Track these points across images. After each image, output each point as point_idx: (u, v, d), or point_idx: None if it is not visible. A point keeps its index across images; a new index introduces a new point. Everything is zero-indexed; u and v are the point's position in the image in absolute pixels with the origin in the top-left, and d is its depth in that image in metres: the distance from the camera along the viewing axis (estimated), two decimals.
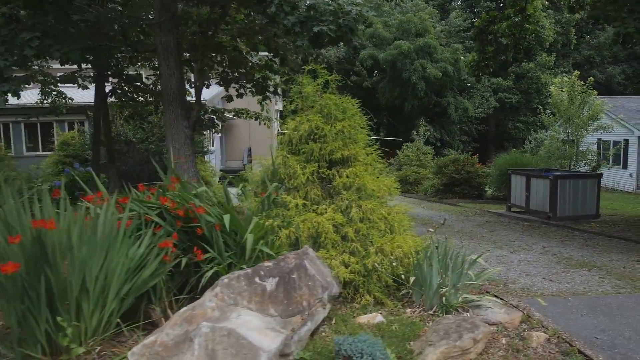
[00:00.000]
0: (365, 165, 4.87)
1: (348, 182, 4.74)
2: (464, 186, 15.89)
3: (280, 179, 4.97)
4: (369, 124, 5.34)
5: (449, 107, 27.51)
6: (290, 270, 3.85)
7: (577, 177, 11.37)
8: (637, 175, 20.67)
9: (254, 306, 3.60)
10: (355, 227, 4.55)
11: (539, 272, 6.05)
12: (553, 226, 10.46)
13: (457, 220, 11.57)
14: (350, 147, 4.86)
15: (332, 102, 4.91)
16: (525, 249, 7.77)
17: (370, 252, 4.46)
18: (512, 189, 12.76)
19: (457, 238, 8.90)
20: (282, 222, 4.65)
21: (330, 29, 6.78)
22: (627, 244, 8.36)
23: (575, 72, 18.05)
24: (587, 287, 5.32)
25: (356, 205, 4.60)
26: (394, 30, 27.97)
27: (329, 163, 4.94)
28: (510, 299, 4.79)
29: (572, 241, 8.56)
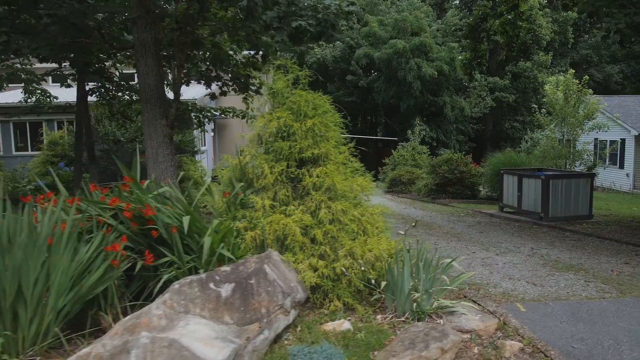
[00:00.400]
0: (337, 165, 4.66)
1: (318, 182, 4.52)
2: (457, 186, 15.65)
3: (249, 179, 4.75)
4: (344, 121, 5.12)
5: (445, 107, 27.26)
6: (248, 275, 3.63)
7: (569, 177, 11.14)
8: (634, 175, 20.45)
9: (208, 314, 3.38)
10: (324, 229, 4.33)
11: (523, 275, 5.83)
12: (544, 227, 10.23)
13: (448, 221, 11.36)
14: (321, 145, 4.64)
15: (303, 98, 4.70)
16: (512, 250, 7.55)
17: (339, 256, 4.24)
18: (504, 189, 12.54)
19: (444, 239, 8.69)
20: (249, 224, 4.44)
21: (310, 23, 6.56)
22: (618, 245, 8.14)
23: (570, 71, 17.83)
24: (570, 291, 5.10)
25: (325, 206, 4.39)
26: (390, 29, 27.73)
27: (299, 162, 4.72)
28: (489, 304, 4.57)
29: (562, 243, 8.34)
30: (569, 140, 18.30)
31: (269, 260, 3.91)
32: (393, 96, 27.70)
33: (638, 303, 4.63)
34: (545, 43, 30.89)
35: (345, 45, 30.84)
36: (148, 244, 4.01)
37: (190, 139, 16.11)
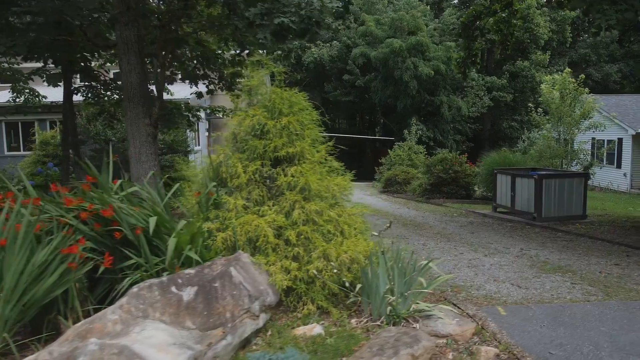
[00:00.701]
0: (313, 164, 4.52)
1: (292, 182, 4.38)
2: (452, 186, 15.51)
3: (223, 178, 4.62)
4: (323, 119, 4.99)
5: (442, 106, 27.10)
6: (213, 278, 3.50)
7: (562, 177, 10.99)
8: (631, 175, 20.29)
9: (168, 318, 3.25)
10: (297, 230, 4.20)
11: (508, 277, 5.69)
12: (537, 227, 10.09)
13: (440, 221, 11.22)
14: (296, 144, 4.50)
15: (278, 95, 4.56)
16: (501, 251, 7.40)
17: (312, 258, 4.10)
18: (497, 189, 12.39)
19: (434, 240, 8.56)
20: (221, 225, 4.30)
21: (292, 20, 6.42)
22: (610, 246, 8.00)
23: (566, 70, 17.68)
24: (555, 294, 4.96)
25: (299, 207, 4.25)
26: (387, 29, 27.57)
27: (275, 161, 4.58)
28: (469, 307, 4.43)
29: (553, 243, 8.20)
30: (565, 140, 18.16)
31: (237, 262, 3.77)
32: (390, 96, 27.56)
33: (623, 306, 4.49)
34: (543, 42, 30.76)
35: (342, 44, 30.71)
36: (114, 246, 3.88)
37: (183, 139, 15.94)
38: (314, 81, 33.31)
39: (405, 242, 8.28)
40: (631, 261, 6.73)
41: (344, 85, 31.54)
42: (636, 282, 5.45)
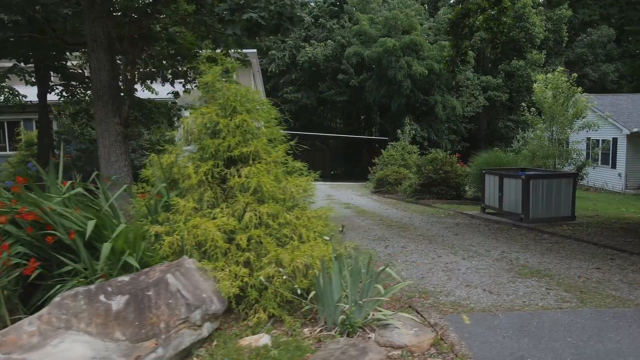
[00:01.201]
0: (269, 164, 4.29)
1: (246, 183, 4.15)
2: (442, 186, 15.26)
3: (174, 179, 4.39)
4: (285, 117, 4.76)
5: (437, 106, 26.84)
6: (147, 286, 3.27)
7: (551, 177, 10.76)
8: (626, 175, 20.05)
9: (95, 329, 3.02)
10: (248, 234, 3.97)
11: (482, 282, 5.45)
12: (523, 229, 9.85)
13: (426, 222, 10.98)
14: (251, 143, 4.27)
15: (232, 92, 4.33)
16: (481, 254, 7.17)
17: (263, 263, 3.87)
18: (485, 190, 12.16)
19: (415, 242, 8.32)
20: (170, 228, 4.07)
21: (262, 16, 6.20)
22: (595, 248, 7.76)
23: (559, 68, 17.44)
24: (527, 300, 4.73)
25: (251, 210, 4.02)
26: (381, 28, 27.32)
27: (230, 161, 4.36)
28: (433, 315, 4.20)
29: (537, 246, 7.96)
30: (559, 140, 17.92)
31: (179, 268, 3.55)
32: (384, 95, 27.32)
33: (595, 314, 4.25)
34: (539, 41, 30.51)
35: (337, 44, 30.48)
36: (48, 251, 3.66)
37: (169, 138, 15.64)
38: (309, 81, 33.07)
39: (385, 245, 8.05)
40: (614, 265, 6.49)
41: (338, 84, 31.31)
42: (615, 288, 5.21)
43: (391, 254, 7.24)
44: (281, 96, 32.80)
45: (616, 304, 4.61)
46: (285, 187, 4.35)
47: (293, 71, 32.62)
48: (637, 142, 19.83)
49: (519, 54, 31.32)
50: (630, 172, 20.02)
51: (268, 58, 32.47)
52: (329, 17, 33.74)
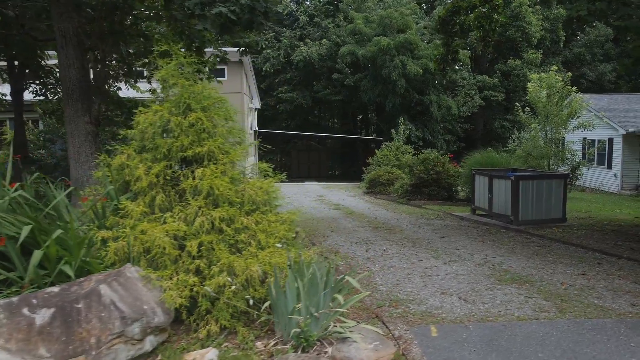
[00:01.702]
0: (225, 165, 4.02)
1: (199, 186, 3.89)
2: (433, 187, 14.98)
3: (126, 181, 4.12)
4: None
5: (432, 105, 26.55)
6: (76, 298, 3.00)
7: (541, 178, 10.48)
8: (622, 176, 19.78)
9: (15, 346, 2.75)
10: (199, 240, 3.70)
11: (459, 289, 5.19)
12: (512, 231, 9.58)
13: (414, 224, 10.71)
14: (206, 142, 4.01)
15: (186, 89, 4.06)
16: (464, 258, 6.90)
17: (214, 272, 3.61)
18: (475, 191, 11.90)
19: (398, 245, 8.06)
20: (118, 233, 3.81)
21: (232, 10, 5.92)
22: (584, 252, 7.50)
23: (553, 67, 17.18)
24: (503, 309, 4.46)
25: (203, 214, 3.75)
26: (375, 26, 27.04)
27: (184, 162, 4.09)
28: (399, 326, 3.94)
29: (523, 249, 7.69)
30: (553, 140, 17.65)
31: (118, 278, 3.28)
32: (379, 95, 27.04)
33: (573, 326, 3.99)
34: (535, 41, 30.23)
35: (332, 43, 30.19)
36: None
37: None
38: (304, 80, 32.78)
39: (367, 248, 7.79)
40: (600, 270, 6.23)
41: (334, 84, 31.01)
42: (598, 296, 4.95)
43: (371, 258, 6.97)
44: (276, 96, 32.55)
45: (597, 314, 4.34)
46: (243, 189, 4.09)
47: (288, 70, 32.33)
48: (633, 143, 19.56)
49: (516, 54, 31.06)
50: (626, 172, 19.76)
51: (263, 57, 32.20)
52: (324, 16, 33.47)
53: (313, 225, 10.55)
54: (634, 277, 5.82)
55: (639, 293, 5.05)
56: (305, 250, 4.31)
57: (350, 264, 6.55)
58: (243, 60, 21.84)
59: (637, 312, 4.39)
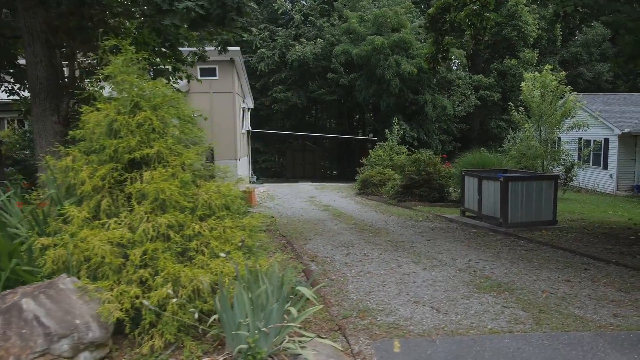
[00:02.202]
0: (175, 168, 3.75)
1: (146, 190, 3.62)
2: (424, 188, 14.71)
3: (71, 185, 3.86)
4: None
5: (427, 105, 26.27)
6: None
7: (530, 179, 10.22)
8: (618, 176, 19.52)
9: None
10: (143, 248, 3.44)
11: (434, 297, 4.92)
12: (500, 234, 9.32)
13: (402, 226, 10.45)
14: (156, 143, 3.74)
15: (134, 87, 3.80)
16: (446, 263, 6.64)
17: (157, 282, 3.34)
18: (465, 192, 11.64)
19: (380, 249, 7.79)
20: (57, 240, 3.54)
21: (200, 4, 5.66)
22: (571, 256, 7.23)
23: (547, 66, 16.92)
24: (477, 321, 4.20)
25: (147, 220, 3.49)
26: (370, 25, 26.77)
27: (132, 165, 3.83)
28: (361, 341, 3.67)
29: (509, 253, 7.43)
30: (547, 140, 17.40)
31: (48, 290, 3.02)
32: (373, 94, 26.77)
33: (548, 340, 3.72)
34: (532, 40, 29.97)
35: (327, 42, 29.92)
36: None
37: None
38: (299, 80, 32.50)
39: (347, 252, 7.52)
40: (586, 276, 5.97)
41: (328, 84, 30.74)
42: (579, 305, 4.69)
43: (349, 263, 6.71)
44: (271, 95, 32.27)
45: (576, 326, 4.08)
46: (197, 193, 3.82)
47: (283, 70, 32.07)
48: (629, 143, 19.31)
49: (512, 53, 30.80)
50: (622, 173, 19.50)
51: (257, 57, 31.95)
52: (319, 15, 33.21)
53: (298, 228, 10.29)
54: (620, 284, 5.56)
55: (622, 302, 4.79)
56: (266, 257, 4.04)
57: (326, 269, 6.29)
58: (234, 59, 21.57)
59: (618, 323, 4.13)
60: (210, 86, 21.66)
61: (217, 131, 21.77)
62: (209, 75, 21.81)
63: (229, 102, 21.68)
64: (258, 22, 35.13)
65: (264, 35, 32.82)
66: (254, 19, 35.19)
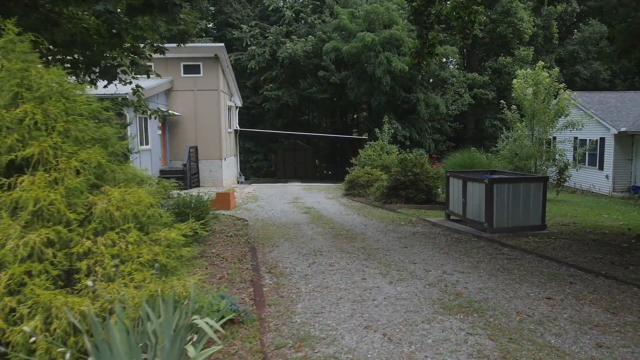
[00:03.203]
0: (63, 172, 3.09)
1: (22, 199, 2.97)
2: (411, 189, 14.04)
3: None
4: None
5: (419, 104, 25.59)
6: None
7: (518, 181, 9.56)
8: (614, 177, 18.88)
9: None
10: (11, 271, 2.78)
11: (390, 320, 4.27)
12: (484, 241, 8.68)
13: (381, 231, 9.80)
14: (41, 142, 3.08)
15: (12, 73, 3.14)
16: (416, 276, 5.99)
17: (21, 313, 2.69)
18: (449, 194, 10.99)
19: (350, 257, 7.14)
20: None
21: None
22: (557, 267, 6.59)
23: (539, 63, 16.26)
24: (432, 354, 3.55)
25: (18, 237, 2.83)
26: (361, 22, 26.09)
27: (12, 168, 3.17)
28: None
29: (490, 263, 6.78)
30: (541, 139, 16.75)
31: None
32: (364, 93, 26.08)
33: None
34: (527, 37, 29.33)
35: (318, 39, 29.25)
36: None
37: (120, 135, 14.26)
38: (290, 78, 31.83)
39: (312, 262, 6.87)
40: (570, 292, 5.32)
41: (320, 82, 30.07)
42: (557, 332, 4.03)
43: (309, 275, 6.06)
44: (262, 94, 31.62)
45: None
46: (92, 202, 3.17)
47: (274, 68, 31.41)
48: (625, 142, 18.67)
49: (507, 51, 30.17)
50: (618, 174, 18.86)
51: (248, 54, 31.30)
52: (310, 12, 32.54)
53: (270, 232, 9.64)
54: (608, 302, 4.92)
55: (608, 326, 4.15)
56: (181, 278, 3.38)
57: (280, 283, 5.64)
58: (219, 56, 20.89)
59: (601, 358, 3.48)
60: (194, 84, 21.00)
61: (201, 130, 21.11)
62: (192, 72, 21.14)
63: (214, 100, 21.01)
64: (250, 19, 34.46)
65: (255, 33, 32.15)
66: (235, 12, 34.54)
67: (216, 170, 21.38)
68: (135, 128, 16.27)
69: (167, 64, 20.83)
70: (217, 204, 13.58)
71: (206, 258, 6.89)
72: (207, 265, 6.33)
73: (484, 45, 32.33)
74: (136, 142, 15.89)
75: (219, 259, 6.84)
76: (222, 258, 6.89)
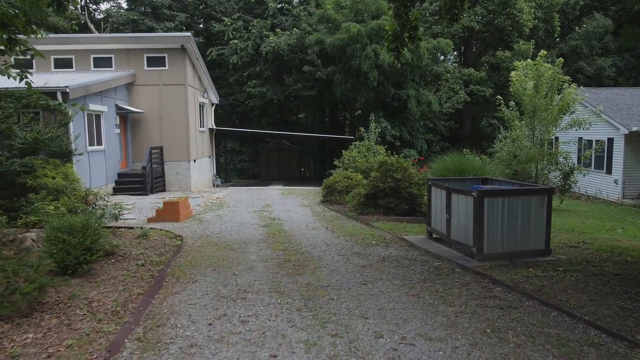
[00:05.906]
0: None
1: None
2: (391, 198, 11.94)
3: None
4: None
5: (410, 101, 23.53)
6: None
7: (515, 194, 7.49)
8: (624, 182, 16.82)
9: None
10: None
11: None
12: (470, 274, 6.63)
13: (345, 254, 7.77)
14: None
15: None
16: (356, 349, 3.94)
17: None
18: (432, 208, 8.94)
19: (277, 307, 5.10)
20: None
21: None
22: (570, 327, 4.55)
23: (541, 52, 14.22)
24: None
25: None
26: (348, 12, 24.05)
27: None
28: None
29: (473, 319, 4.75)
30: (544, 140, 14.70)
31: None
32: (352, 89, 24.03)
33: None
34: (527, 30, 27.29)
35: (302, 32, 27.18)
36: None
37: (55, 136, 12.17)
38: (275, 74, 29.75)
39: (221, 314, 4.82)
40: None
41: (306, 78, 28.01)
42: None
43: (194, 346, 4.00)
44: (245, 91, 29.55)
45: None
46: None
47: (258, 63, 29.35)
48: (636, 143, 16.62)
49: (505, 45, 28.11)
50: (628, 178, 16.81)
51: (230, 49, 29.22)
52: (297, 3, 30.47)
53: (203, 257, 7.60)
54: None
55: None
56: None
57: None
58: (186, 46, 18.79)
59: None
60: (159, 77, 18.92)
61: (167, 129, 19.05)
62: (157, 64, 19.06)
63: (181, 96, 18.94)
64: (233, 11, 32.37)
65: (238, 26, 30.09)
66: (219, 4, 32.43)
67: (184, 173, 19.32)
68: (81, 126, 14.21)
69: (128, 55, 18.77)
70: (163, 216, 11.54)
71: (70, 307, 4.85)
72: (48, 328, 4.27)
73: (481, 39, 30.30)
74: (81, 141, 13.83)
75: (84, 309, 4.80)
76: (91, 307, 4.85)
